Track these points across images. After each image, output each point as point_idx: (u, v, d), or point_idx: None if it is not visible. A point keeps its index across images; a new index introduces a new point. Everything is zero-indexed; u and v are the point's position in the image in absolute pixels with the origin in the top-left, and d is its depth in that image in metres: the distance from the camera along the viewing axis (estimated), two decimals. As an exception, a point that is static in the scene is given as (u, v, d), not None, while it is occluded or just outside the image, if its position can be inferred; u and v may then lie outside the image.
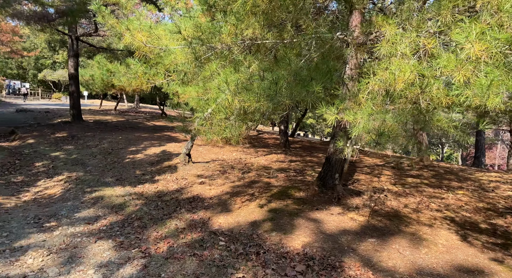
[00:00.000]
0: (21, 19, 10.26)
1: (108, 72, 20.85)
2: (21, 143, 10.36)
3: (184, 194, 5.61)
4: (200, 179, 6.44)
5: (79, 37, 12.62)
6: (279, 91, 3.00)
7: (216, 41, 4.10)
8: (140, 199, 5.45)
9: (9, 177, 7.04)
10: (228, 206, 4.90)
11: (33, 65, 35.72)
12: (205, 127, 3.86)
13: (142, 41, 4.32)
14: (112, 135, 11.22)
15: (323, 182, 5.26)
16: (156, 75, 5.87)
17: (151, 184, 6.25)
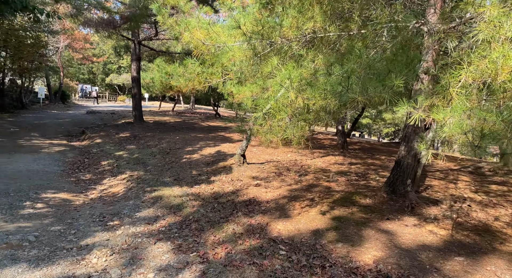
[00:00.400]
0: (91, 26, 11.08)
1: (167, 74, 21.83)
2: (90, 142, 11.16)
3: (240, 196, 5.45)
4: (256, 181, 6.25)
5: (141, 41, 13.29)
6: (350, 87, 2.64)
7: (276, 35, 3.84)
8: (197, 200, 5.40)
9: (79, 175, 7.52)
10: (287, 212, 4.61)
11: (101, 70, 38.92)
12: (264, 128, 3.61)
13: (200, 39, 4.22)
14: (170, 135, 11.59)
15: (392, 188, 4.72)
16: (213, 74, 5.79)
17: (207, 185, 6.20)
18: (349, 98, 2.72)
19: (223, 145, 9.49)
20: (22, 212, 4.77)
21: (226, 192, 5.71)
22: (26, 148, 9.37)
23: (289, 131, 3.34)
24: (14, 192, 5.62)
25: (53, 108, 22.47)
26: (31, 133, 11.88)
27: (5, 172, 6.80)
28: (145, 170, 7.48)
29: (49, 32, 16.93)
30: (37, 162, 8.01)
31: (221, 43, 4.19)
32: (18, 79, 20.62)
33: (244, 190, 5.75)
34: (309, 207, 4.63)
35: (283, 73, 3.09)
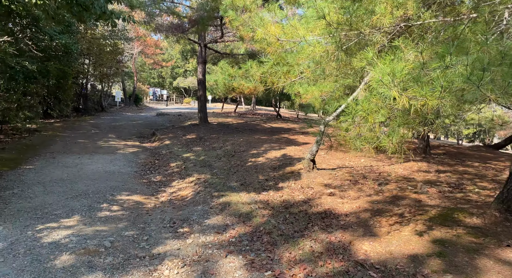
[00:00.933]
0: (162, 31, 11.54)
1: (230, 76, 22.14)
2: (160, 144, 11.59)
3: (314, 207, 4.96)
4: (329, 190, 5.69)
5: (206, 44, 13.51)
6: (483, 82, 2.00)
7: (364, 25, 3.29)
8: (266, 209, 5.05)
9: (150, 177, 7.71)
10: (372, 229, 4.00)
11: (170, 74, 41.28)
12: (351, 133, 3.09)
13: (275, 35, 3.84)
14: (234, 137, 11.52)
15: (507, 205, 3.83)
16: (288, 73, 5.39)
17: (276, 191, 5.82)
18: (477, 95, 2.08)
19: (288, 148, 9.06)
20: (99, 214, 4.88)
21: (297, 201, 5.27)
22: (104, 149, 10.00)
23: (385, 138, 2.77)
24: (93, 193, 5.86)
25: (128, 110, 24.31)
26: (108, 134, 12.77)
27: (86, 173, 7.22)
28: (211, 173, 7.38)
29: (125, 39, 18.22)
30: (113, 163, 8.43)
31: (299, 38, 3.75)
32: (98, 84, 22.68)
33: (317, 200, 5.25)
34: (400, 225, 3.96)
35: (380, 67, 2.55)
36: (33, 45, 7.54)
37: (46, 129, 12.15)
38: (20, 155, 8.10)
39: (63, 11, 4.76)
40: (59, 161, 8.05)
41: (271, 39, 3.97)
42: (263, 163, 7.73)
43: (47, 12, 4.89)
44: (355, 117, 2.94)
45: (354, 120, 2.94)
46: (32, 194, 5.50)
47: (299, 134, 12.98)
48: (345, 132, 3.11)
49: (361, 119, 2.88)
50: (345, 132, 3.11)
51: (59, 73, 13.18)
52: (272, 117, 21.40)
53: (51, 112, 15.25)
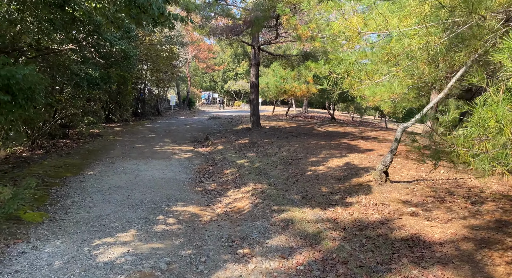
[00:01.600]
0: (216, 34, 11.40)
1: (281, 78, 21.60)
2: (213, 149, 11.41)
3: (395, 230, 4.18)
4: (409, 208, 4.85)
5: (260, 46, 13.13)
6: None
7: (482, 7, 2.51)
8: (336, 230, 4.38)
9: (205, 184, 7.42)
10: (483, 267, 3.15)
11: (221, 77, 42.01)
12: (475, 150, 2.32)
13: (356, 27, 3.19)
14: (289, 142, 10.93)
15: None
16: (374, 72, 4.66)
17: (344, 208, 5.12)
18: None
19: (351, 155, 8.24)
20: (155, 228, 4.61)
21: (372, 222, 4.52)
22: (160, 154, 10.04)
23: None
24: (149, 203, 5.67)
25: (182, 114, 24.97)
26: (164, 139, 12.95)
27: (143, 180, 7.14)
28: (268, 183, 6.87)
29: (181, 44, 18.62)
30: (169, 169, 8.33)
31: (388, 29, 3.06)
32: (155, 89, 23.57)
33: (397, 221, 4.45)
34: (522, 266, 3.06)
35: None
36: (96, 52, 7.71)
37: (107, 134, 12.65)
38: (83, 160, 8.34)
39: (122, 15, 4.58)
40: (118, 166, 8.13)
41: (350, 33, 3.34)
42: (324, 172, 7.03)
43: (106, 17, 4.75)
44: (477, 128, 2.18)
45: (479, 133, 2.17)
46: (91, 203, 5.44)
47: (359, 139, 11.99)
48: (463, 148, 2.34)
49: (490, 131, 2.12)
50: (463, 148, 2.34)
51: (120, 79, 13.71)
52: (326, 120, 20.44)
53: (112, 116, 16.00)
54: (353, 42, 3.45)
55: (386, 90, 6.14)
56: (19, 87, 4.31)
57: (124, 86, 15.71)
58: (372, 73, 4.38)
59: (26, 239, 3.92)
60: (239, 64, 40.67)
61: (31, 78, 4.33)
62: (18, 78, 4.12)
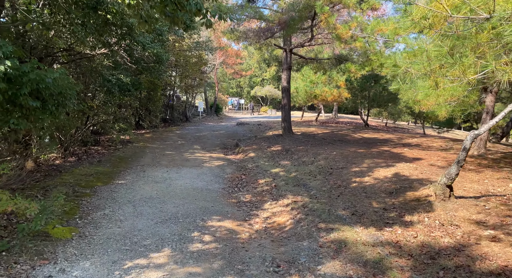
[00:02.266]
0: (245, 38, 11.03)
1: (311, 83, 20.91)
2: (244, 156, 10.94)
3: (478, 260, 3.45)
4: (486, 231, 4.09)
5: (292, 49, 12.61)
6: None
7: None
8: (401, 257, 3.71)
9: (239, 195, 6.93)
10: None
11: (247, 83, 41.86)
12: None
13: (445, 10, 2.57)
14: (325, 149, 10.27)
15: None
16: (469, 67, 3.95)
17: (404, 228, 4.43)
18: None
19: (399, 165, 7.47)
20: (191, 247, 4.14)
21: (443, 247, 3.81)
22: (191, 161, 9.69)
23: None
24: (182, 217, 5.23)
25: (209, 120, 24.83)
26: (194, 145, 12.66)
27: (175, 190, 6.76)
28: (309, 195, 6.27)
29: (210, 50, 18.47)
30: (200, 178, 7.93)
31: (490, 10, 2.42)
32: (183, 95, 23.60)
33: (475, 247, 3.72)
34: None
35: None
36: (128, 56, 7.49)
37: (137, 140, 12.53)
38: (114, 169, 8.11)
39: (156, 13, 4.21)
40: (149, 175, 7.83)
41: (435, 20, 2.73)
42: (372, 184, 6.33)
43: (140, 16, 4.40)
44: None
45: None
46: (122, 216, 5.07)
47: (401, 146, 11.11)
48: None
49: None
50: None
51: (150, 85, 13.63)
52: (359, 126, 19.51)
53: (142, 123, 15.99)
54: (436, 28, 2.83)
55: (446, 92, 5.42)
56: (49, 92, 4.02)
57: (154, 93, 15.67)
58: (468, 68, 3.68)
59: (54, 259, 3.55)
60: (266, 69, 40.37)
61: (62, 82, 4.03)
62: (48, 83, 3.82)
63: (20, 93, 3.59)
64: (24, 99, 3.70)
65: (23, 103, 3.70)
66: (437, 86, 3.99)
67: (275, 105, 41.78)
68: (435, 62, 3.35)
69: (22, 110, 3.93)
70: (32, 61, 3.80)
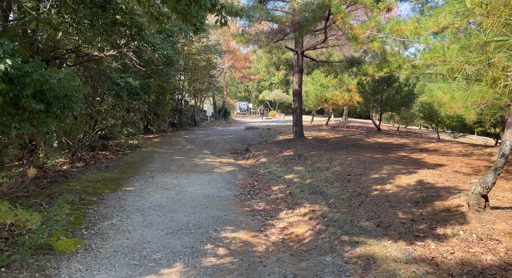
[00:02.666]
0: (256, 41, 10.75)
1: (322, 86, 20.53)
2: (255, 161, 10.60)
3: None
4: (532, 247, 3.67)
5: (304, 51, 12.29)
6: None
7: None
8: (441, 276, 3.32)
9: (252, 203, 6.59)
10: None
11: (255, 87, 41.62)
12: None
13: None
14: (339, 154, 9.87)
15: None
16: None
17: (438, 242, 4.03)
18: None
19: (421, 172, 7.04)
20: (204, 262, 3.80)
21: (487, 266, 3.41)
22: (200, 167, 9.39)
23: None
24: (194, 227, 4.91)
25: (218, 124, 24.58)
26: (203, 150, 12.37)
27: (185, 197, 6.45)
28: (327, 204, 5.90)
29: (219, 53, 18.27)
30: (211, 184, 7.61)
31: None
32: (191, 99, 23.41)
33: (524, 266, 3.30)
34: None
35: None
36: (137, 58, 7.25)
37: (146, 145, 12.29)
38: (122, 175, 7.84)
39: (168, 9, 3.92)
40: (158, 181, 7.54)
41: (494, 5, 2.39)
42: (395, 193, 5.93)
43: (150, 13, 4.12)
44: None
45: None
46: (131, 226, 4.77)
47: (418, 151, 10.66)
48: None
49: None
50: None
51: (159, 89, 13.43)
52: (371, 131, 19.05)
53: (151, 127, 15.79)
54: (495, 17, 2.47)
55: (475, 93, 5.04)
56: (54, 94, 3.74)
57: (163, 96, 15.48)
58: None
59: (57, 276, 3.25)
60: (274, 73, 40.14)
61: (68, 83, 3.76)
62: (52, 84, 3.55)
63: (23, 95, 3.33)
64: (26, 101, 3.43)
65: (25, 106, 3.43)
66: (496, 84, 3.58)
67: (283, 109, 41.46)
68: (494, 54, 2.97)
69: (25, 113, 3.66)
70: (36, 60, 3.54)
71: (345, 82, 21.00)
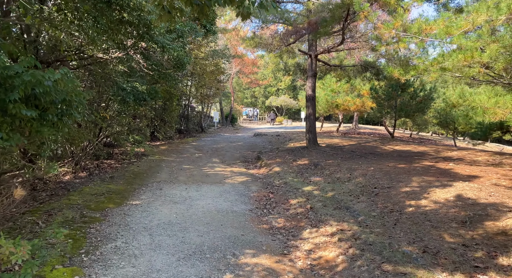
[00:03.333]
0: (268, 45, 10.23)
1: (332, 92, 19.91)
2: (268, 171, 9.98)
3: None
4: None
5: (317, 55, 11.72)
6: None
7: None
8: (522, 325, 2.66)
9: (270, 219, 5.96)
10: None
11: (262, 93, 41.14)
12: None
13: None
14: (359, 164, 9.22)
15: None
16: None
17: (504, 276, 3.36)
18: None
19: (456, 185, 6.36)
20: (226, 301, 3.18)
21: None
22: (211, 177, 8.79)
23: None
24: (209, 250, 4.29)
25: (225, 131, 24.04)
26: (212, 158, 11.78)
27: (197, 212, 5.84)
28: (356, 222, 5.25)
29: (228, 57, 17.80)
30: (224, 197, 7.00)
31: None
32: (198, 105, 22.92)
33: None
34: None
35: None
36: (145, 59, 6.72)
37: (152, 153, 11.75)
38: (127, 186, 7.27)
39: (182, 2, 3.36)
40: (166, 193, 6.95)
41: None
42: (434, 210, 5.26)
43: (162, 7, 3.56)
44: None
45: None
46: (137, 250, 4.16)
47: (442, 160, 9.95)
48: None
49: None
50: None
51: (166, 95, 12.92)
52: (384, 137, 18.35)
53: (158, 134, 15.27)
54: None
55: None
56: (50, 98, 3.18)
57: (170, 102, 14.98)
58: None
59: (46, 321, 2.65)
60: (281, 79, 39.66)
61: (65, 86, 3.19)
62: (47, 86, 3.00)
63: (10, 100, 2.77)
64: (15, 107, 2.87)
65: (14, 112, 2.87)
66: None
67: (290, 115, 40.86)
68: None
69: (15, 121, 3.10)
70: (28, 58, 2.98)
71: (356, 87, 20.38)
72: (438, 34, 7.01)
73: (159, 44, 5.37)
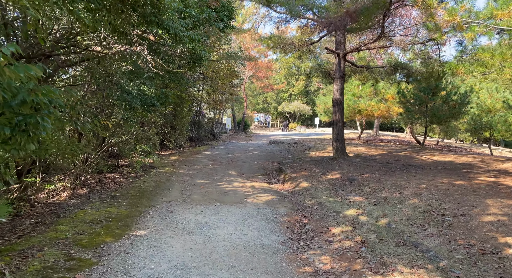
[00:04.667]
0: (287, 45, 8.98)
1: (354, 96, 18.45)
2: (294, 186, 8.61)
3: None
4: None
5: (346, 54, 10.37)
6: None
7: None
8: None
9: (311, 257, 4.59)
10: None
11: (274, 98, 39.89)
12: None
13: None
14: (404, 179, 7.78)
15: None
16: None
17: None
18: None
19: (551, 211, 4.89)
20: None
21: None
22: (230, 195, 7.46)
23: None
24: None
25: (238, 138, 22.76)
26: (228, 170, 10.47)
27: (217, 249, 4.50)
28: (437, 269, 3.83)
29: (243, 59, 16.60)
30: (248, 223, 5.67)
31: None
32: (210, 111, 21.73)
33: None
34: None
35: None
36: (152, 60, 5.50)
37: (162, 164, 10.50)
38: (131, 209, 5.98)
39: None
40: (178, 219, 5.65)
41: None
42: (545, 253, 3.82)
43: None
44: None
45: None
46: (138, 325, 2.84)
47: (498, 173, 8.44)
48: None
49: None
50: None
51: (176, 100, 11.72)
52: (412, 146, 16.81)
53: (167, 143, 14.06)
54: None
55: None
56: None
57: (181, 108, 13.79)
58: None
59: None
60: (293, 84, 38.38)
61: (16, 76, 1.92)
62: None
63: None
64: None
65: None
66: None
67: (303, 121, 39.44)
68: None
69: None
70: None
71: (380, 91, 18.94)
72: None
73: (171, 30, 4.11)
